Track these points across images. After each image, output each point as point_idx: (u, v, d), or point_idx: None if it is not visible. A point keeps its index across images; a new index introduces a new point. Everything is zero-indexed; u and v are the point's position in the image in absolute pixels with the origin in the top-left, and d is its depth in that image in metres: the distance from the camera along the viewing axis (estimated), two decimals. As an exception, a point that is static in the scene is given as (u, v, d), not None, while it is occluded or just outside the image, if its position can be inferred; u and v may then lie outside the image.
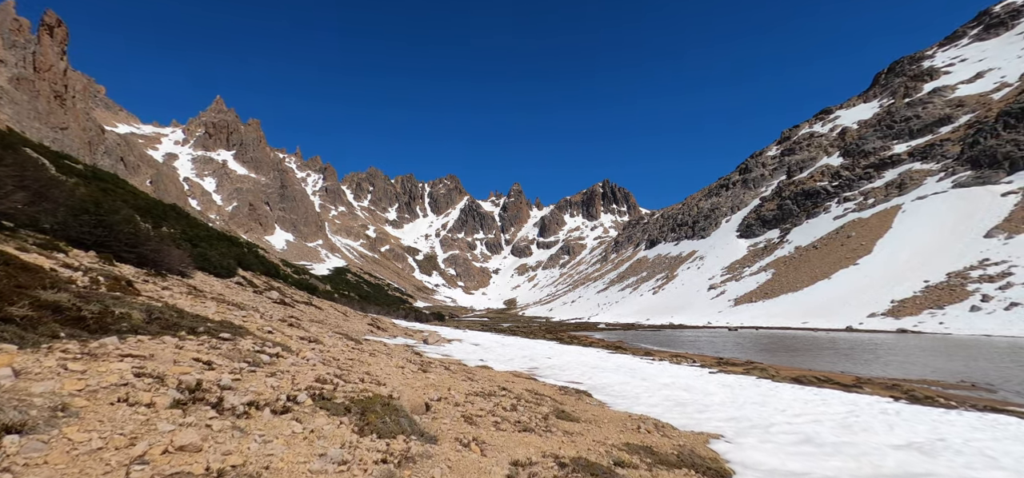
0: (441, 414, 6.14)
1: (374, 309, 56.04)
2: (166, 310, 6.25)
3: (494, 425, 6.11)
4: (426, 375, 9.01)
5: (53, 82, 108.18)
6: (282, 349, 6.88)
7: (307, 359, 6.85)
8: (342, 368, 7.16)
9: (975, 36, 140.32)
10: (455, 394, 7.53)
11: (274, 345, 6.89)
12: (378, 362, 9.12)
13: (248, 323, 7.80)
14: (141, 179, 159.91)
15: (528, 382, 12.13)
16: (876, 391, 14.77)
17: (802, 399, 12.24)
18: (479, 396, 7.92)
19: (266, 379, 5.19)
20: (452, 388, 7.99)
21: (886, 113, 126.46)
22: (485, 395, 8.15)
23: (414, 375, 8.56)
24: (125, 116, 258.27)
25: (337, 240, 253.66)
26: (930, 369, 23.90)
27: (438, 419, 5.86)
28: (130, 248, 10.13)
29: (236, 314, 8.54)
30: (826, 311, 71.21)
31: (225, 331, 6.55)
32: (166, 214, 22.41)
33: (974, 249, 70.08)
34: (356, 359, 8.62)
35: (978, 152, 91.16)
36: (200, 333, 5.91)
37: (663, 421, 8.49)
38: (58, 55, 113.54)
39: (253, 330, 7.49)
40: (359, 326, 19.69)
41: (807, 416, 9.95)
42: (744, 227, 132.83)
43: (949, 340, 43.61)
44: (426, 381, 8.20)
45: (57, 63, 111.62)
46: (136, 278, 8.10)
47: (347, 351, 9.25)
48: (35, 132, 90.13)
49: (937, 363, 26.85)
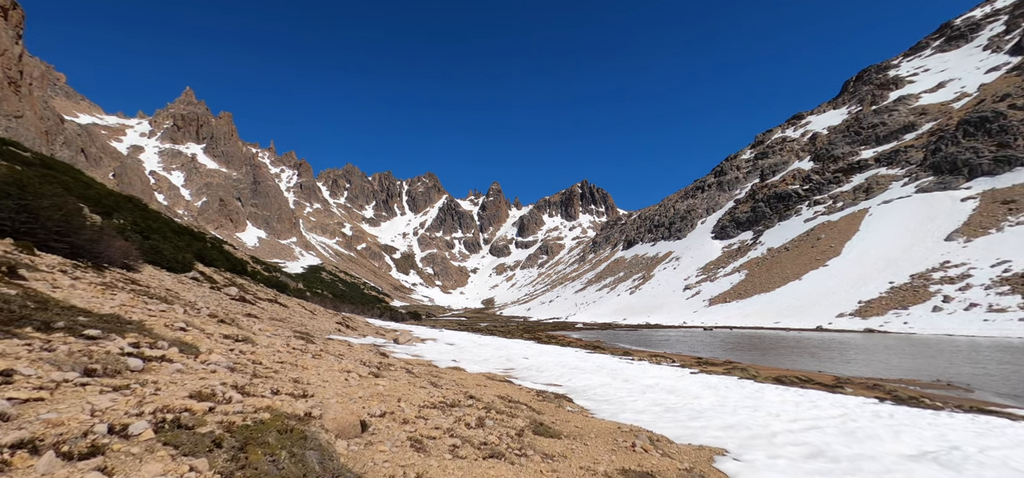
0: (380, 437, 4.81)
1: (348, 308, 54.45)
2: (25, 301, 5.10)
3: (451, 450, 4.88)
4: (377, 381, 7.78)
5: (7, 67, 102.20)
6: (180, 351, 5.54)
7: (207, 364, 5.43)
8: (257, 376, 5.81)
9: (937, 47, 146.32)
10: (406, 407, 6.27)
11: (167, 347, 5.50)
12: (321, 366, 7.88)
13: (156, 320, 6.34)
14: (104, 172, 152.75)
15: (502, 386, 11.19)
16: (859, 391, 14.62)
17: (791, 401, 11.91)
18: (438, 408, 6.66)
19: (96, 398, 3.70)
20: (404, 399, 6.76)
21: (854, 119, 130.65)
22: (447, 406, 6.96)
23: (360, 382, 7.26)
24: (87, 106, 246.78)
25: (312, 238, 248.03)
26: (903, 368, 24.23)
27: (374, 446, 4.52)
28: (60, 237, 9.06)
29: (153, 308, 7.05)
30: (797, 311, 72.73)
31: (104, 327, 5.16)
32: (120, 205, 20.86)
33: (936, 252, 72.67)
34: (290, 363, 7.32)
35: (939, 159, 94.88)
36: (56, 330, 4.65)
37: (656, 433, 7.65)
38: (13, 39, 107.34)
39: (157, 327, 6.09)
40: (326, 325, 18.63)
41: (804, 421, 9.50)
42: (719, 229, 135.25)
43: (913, 339, 44.83)
44: (373, 390, 6.93)
45: (11, 47, 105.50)
46: (50, 268, 6.97)
47: (285, 353, 7.86)
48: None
49: (907, 362, 27.32)
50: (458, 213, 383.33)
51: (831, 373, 21.13)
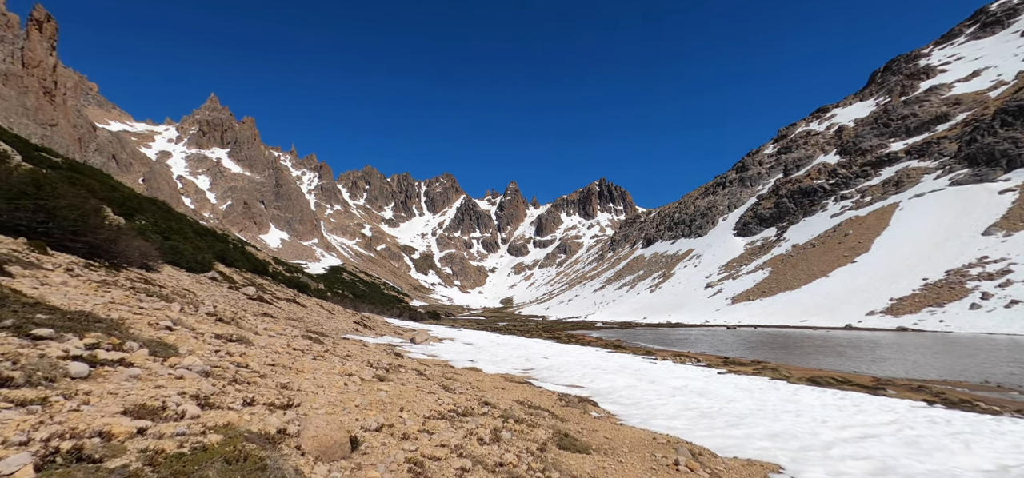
0: (372, 458, 4.00)
1: (368, 308, 55.04)
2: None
3: (458, 476, 4.12)
4: (381, 386, 7.05)
5: (42, 78, 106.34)
6: (150, 353, 4.87)
7: (176, 369, 4.71)
8: (237, 382, 5.08)
9: (971, 34, 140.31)
10: (409, 418, 5.42)
11: (136, 348, 4.82)
12: (320, 369, 7.19)
13: (140, 318, 5.84)
14: (134, 177, 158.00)
15: (521, 388, 10.72)
16: (903, 394, 13.76)
17: (833, 405, 11.19)
18: (446, 419, 5.82)
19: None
20: (408, 407, 5.93)
21: (883, 111, 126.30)
22: (458, 415, 6.15)
23: (360, 388, 6.46)
24: (118, 114, 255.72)
25: (333, 239, 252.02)
26: (944, 369, 23.08)
27: (362, 471, 3.71)
28: (76, 237, 9.13)
29: (146, 305, 6.67)
30: (824, 309, 70.66)
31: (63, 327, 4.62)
32: (143, 207, 21.35)
33: (972, 247, 69.71)
34: (284, 366, 6.61)
35: (975, 150, 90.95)
36: (4, 328, 4.04)
37: (697, 445, 6.94)
38: (47, 51, 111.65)
39: (138, 326, 5.65)
40: (343, 324, 18.63)
41: (854, 428, 8.75)
42: (741, 225, 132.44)
43: (951, 338, 43.00)
44: (374, 397, 6.12)
45: (46, 59, 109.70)
46: (54, 266, 6.76)
47: (283, 355, 7.21)
48: (23, 128, 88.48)
49: (947, 362, 26.06)
50: (476, 213, 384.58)
51: (867, 374, 20.26)
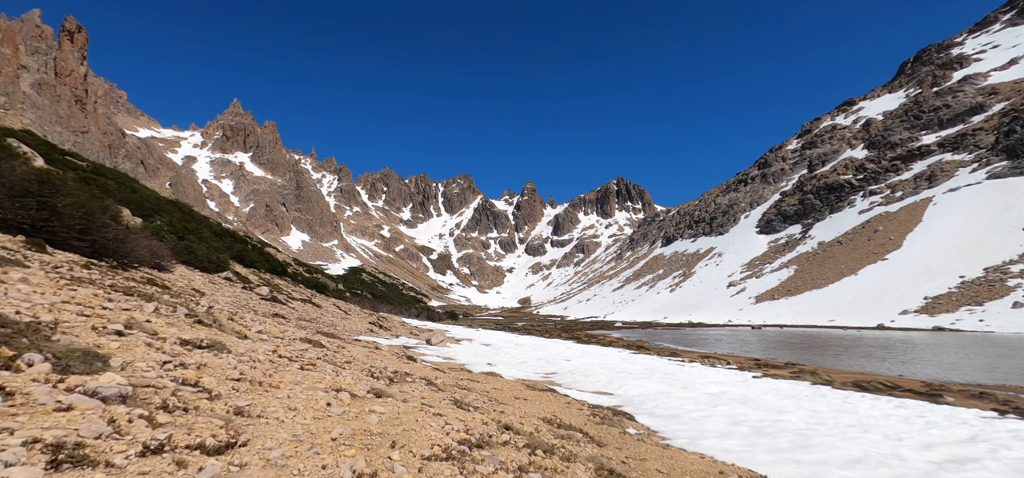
0: None
1: (387, 308, 55.10)
2: None
3: None
4: (375, 406, 5.38)
5: (74, 87, 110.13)
6: (56, 369, 3.54)
7: (72, 392, 3.23)
8: (166, 409, 3.50)
9: (1008, 21, 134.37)
10: (400, 460, 3.77)
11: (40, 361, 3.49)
12: (304, 382, 5.61)
13: (88, 322, 4.97)
14: (161, 182, 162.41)
15: (545, 398, 9.85)
16: (965, 401, 12.53)
17: (897, 417, 10.04)
18: (454, 458, 4.07)
19: None
20: (402, 440, 4.25)
21: (913, 103, 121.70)
22: (470, 447, 4.52)
23: (346, 410, 4.85)
24: (146, 120, 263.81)
25: (352, 240, 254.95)
26: (995, 371, 21.60)
27: None
28: (82, 235, 8.92)
29: (111, 307, 5.90)
30: (854, 308, 68.19)
31: None
32: (161, 208, 21.49)
33: (1013, 242, 66.45)
34: (254, 381, 5.10)
35: (1014, 141, 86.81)
36: None
37: (764, 475, 5.83)
38: (78, 60, 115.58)
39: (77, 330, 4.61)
40: (358, 325, 18.29)
41: (940, 449, 7.58)
42: (764, 223, 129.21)
43: (994, 339, 40.77)
44: (362, 423, 4.51)
45: (77, 68, 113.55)
46: (44, 265, 6.39)
47: (261, 365, 5.93)
48: (57, 136, 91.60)
49: (1000, 364, 24.45)
50: (493, 213, 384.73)
51: (914, 377, 19.00)
